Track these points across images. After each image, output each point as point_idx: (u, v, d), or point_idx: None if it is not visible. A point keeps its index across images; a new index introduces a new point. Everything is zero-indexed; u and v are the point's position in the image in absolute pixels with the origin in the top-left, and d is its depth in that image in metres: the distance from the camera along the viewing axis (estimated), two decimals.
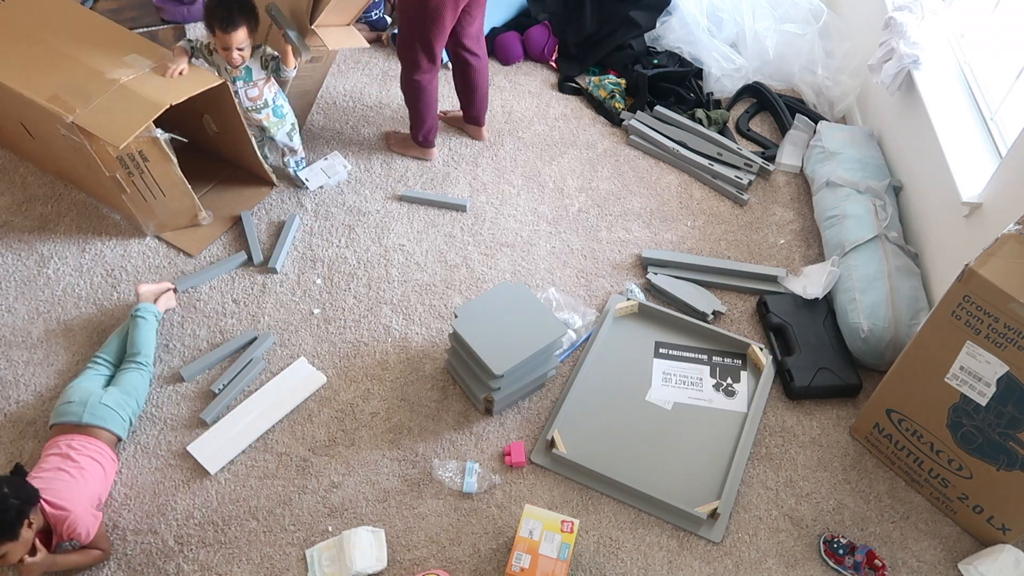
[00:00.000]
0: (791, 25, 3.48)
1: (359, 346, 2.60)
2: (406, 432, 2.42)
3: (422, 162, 3.15)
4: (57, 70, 2.55)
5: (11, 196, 2.91)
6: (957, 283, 1.94)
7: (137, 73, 2.56)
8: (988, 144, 2.57)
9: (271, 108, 2.78)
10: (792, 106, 3.43)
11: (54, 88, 2.49)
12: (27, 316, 2.60)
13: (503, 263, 2.85)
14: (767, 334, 2.69)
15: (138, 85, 2.52)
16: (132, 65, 2.58)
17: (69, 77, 2.53)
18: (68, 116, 2.41)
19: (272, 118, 2.81)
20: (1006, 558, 2.18)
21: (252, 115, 2.77)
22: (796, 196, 3.15)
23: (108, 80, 2.52)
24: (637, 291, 2.78)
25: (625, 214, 3.04)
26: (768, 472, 2.40)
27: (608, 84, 3.44)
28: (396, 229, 2.92)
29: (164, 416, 2.40)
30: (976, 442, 2.12)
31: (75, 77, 2.53)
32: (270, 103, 2.77)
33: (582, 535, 2.24)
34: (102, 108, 2.45)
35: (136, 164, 2.55)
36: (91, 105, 2.45)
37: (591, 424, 2.43)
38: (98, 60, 2.59)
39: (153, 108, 2.45)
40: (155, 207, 2.73)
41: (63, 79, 2.52)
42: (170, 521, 2.21)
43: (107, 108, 2.45)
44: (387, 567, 2.16)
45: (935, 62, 2.81)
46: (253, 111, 2.76)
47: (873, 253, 2.65)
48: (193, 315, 2.63)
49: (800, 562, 2.24)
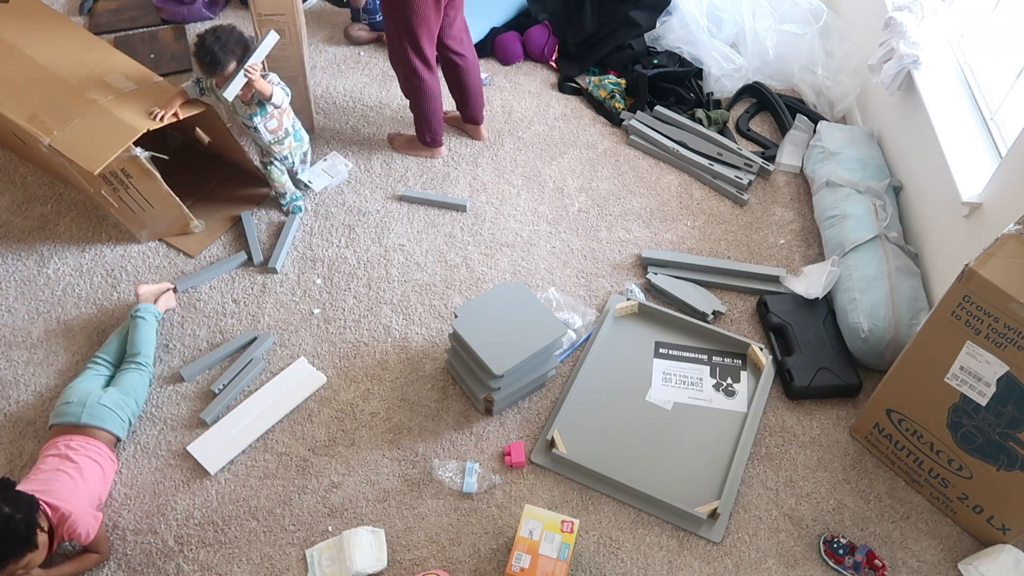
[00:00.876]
0: (791, 25, 3.48)
1: (359, 346, 2.60)
2: (406, 432, 2.42)
3: (422, 162, 3.15)
4: (39, 87, 2.53)
5: (11, 196, 2.91)
6: (957, 283, 1.94)
7: (117, 94, 2.53)
8: (988, 144, 2.57)
9: (292, 135, 2.78)
10: (792, 106, 3.43)
11: (33, 107, 2.47)
12: (27, 316, 2.60)
13: (503, 263, 2.85)
14: (767, 334, 2.69)
15: (116, 107, 2.50)
16: (113, 85, 2.56)
17: (49, 96, 2.50)
18: (45, 138, 2.39)
19: (294, 144, 2.81)
20: (1006, 558, 2.18)
21: (276, 148, 2.75)
22: (796, 196, 3.15)
23: (88, 100, 2.49)
24: (637, 291, 2.78)
25: (625, 214, 3.04)
26: (768, 472, 2.40)
27: (608, 84, 3.44)
28: (396, 229, 2.92)
29: (164, 416, 2.40)
30: (976, 442, 2.12)
31: (55, 96, 2.50)
32: (290, 131, 2.77)
33: (582, 535, 2.24)
34: (79, 130, 2.42)
35: (120, 180, 2.54)
36: (68, 127, 2.42)
37: (591, 424, 2.43)
38: (79, 79, 2.57)
39: (130, 132, 2.43)
40: (145, 218, 2.72)
41: (43, 97, 2.50)
42: (170, 521, 2.21)
43: (84, 130, 2.42)
44: (387, 567, 2.16)
45: (935, 62, 2.81)
46: (275, 143, 2.74)
47: (873, 253, 2.65)
48: (193, 315, 2.63)
49: (800, 562, 2.24)
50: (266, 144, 2.73)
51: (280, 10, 2.71)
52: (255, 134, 2.71)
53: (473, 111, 3.13)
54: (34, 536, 1.86)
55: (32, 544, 1.86)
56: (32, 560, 1.88)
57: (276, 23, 2.66)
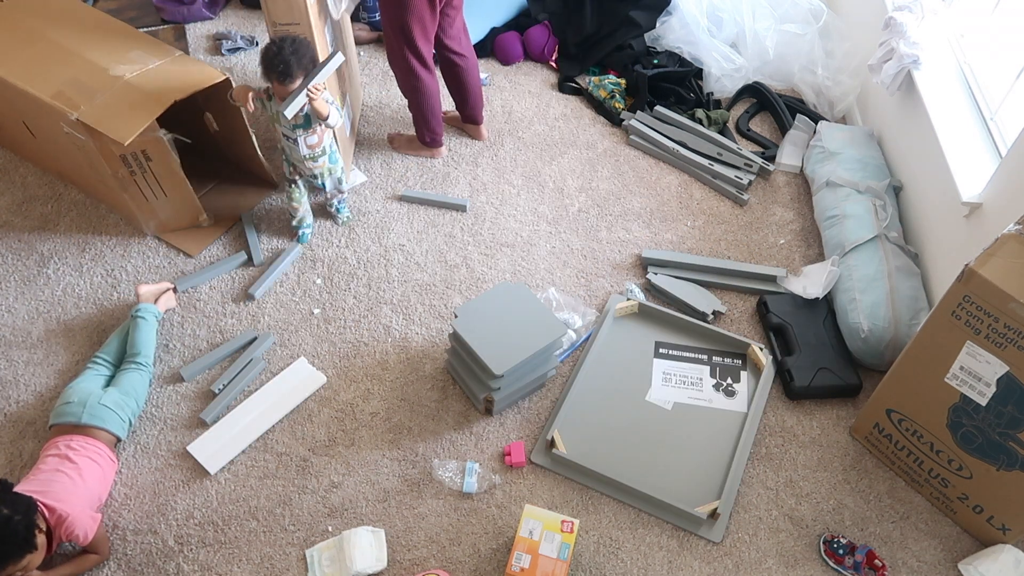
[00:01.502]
0: (791, 25, 3.48)
1: (359, 346, 2.60)
2: (406, 432, 2.42)
3: (422, 162, 3.15)
4: (61, 67, 2.55)
5: (11, 196, 2.91)
6: (957, 283, 1.94)
7: (141, 69, 2.55)
8: (988, 144, 2.57)
9: (328, 155, 2.69)
10: (792, 106, 3.43)
11: (58, 85, 2.49)
12: (27, 316, 2.60)
13: (503, 263, 2.85)
14: (767, 334, 2.69)
15: (142, 81, 2.52)
16: (136, 61, 2.58)
17: (73, 74, 2.52)
18: (72, 113, 2.40)
19: (328, 164, 2.71)
20: (1006, 558, 2.18)
21: (309, 164, 2.66)
22: (796, 196, 3.15)
23: (112, 77, 2.52)
24: (637, 291, 2.78)
25: (625, 214, 3.04)
26: (768, 472, 2.40)
27: (608, 84, 3.44)
28: (396, 229, 2.92)
29: (164, 416, 2.40)
30: (976, 442, 2.12)
31: (79, 74, 2.53)
32: (327, 150, 2.68)
33: (582, 535, 2.24)
34: (106, 105, 2.44)
35: (139, 163, 2.55)
36: (95, 102, 2.44)
37: (591, 424, 2.43)
38: (102, 57, 2.59)
39: (157, 104, 2.44)
40: (156, 207, 2.73)
41: (67, 76, 2.52)
42: (170, 521, 2.21)
43: (111, 105, 2.44)
44: (387, 567, 2.16)
45: (935, 62, 2.81)
46: (310, 159, 2.65)
47: (873, 253, 2.65)
48: (193, 315, 2.63)
49: (800, 562, 2.24)
50: (300, 158, 2.64)
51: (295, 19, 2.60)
52: (291, 146, 2.62)
53: (472, 111, 3.13)
54: (33, 538, 1.86)
55: (31, 546, 1.86)
56: (31, 561, 1.88)
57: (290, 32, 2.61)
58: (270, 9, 2.58)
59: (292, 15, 2.61)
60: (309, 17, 2.54)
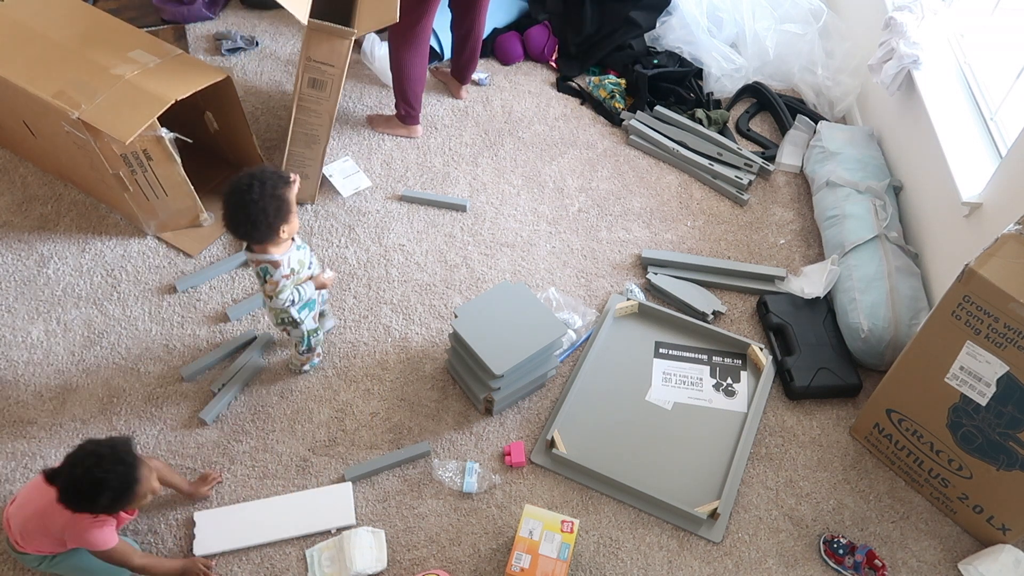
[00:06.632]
0: (791, 25, 3.48)
1: (359, 346, 2.60)
2: (406, 432, 2.42)
3: (422, 162, 3.15)
4: (62, 66, 2.55)
5: (11, 196, 2.91)
6: (957, 283, 1.94)
7: (141, 69, 2.56)
8: (988, 144, 2.57)
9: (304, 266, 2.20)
10: (792, 106, 3.43)
11: (59, 84, 2.49)
12: (27, 316, 2.60)
13: (503, 263, 2.85)
14: (767, 334, 2.69)
15: (143, 81, 2.52)
16: (137, 61, 2.58)
17: (74, 73, 2.53)
18: (73, 112, 2.41)
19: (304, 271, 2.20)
20: (1006, 558, 2.18)
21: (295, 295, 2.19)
22: (796, 196, 3.15)
23: (113, 76, 2.52)
24: (637, 291, 2.78)
25: (625, 214, 3.04)
26: (768, 472, 2.40)
27: (608, 84, 3.44)
28: (396, 229, 2.92)
29: (164, 416, 2.40)
30: (976, 442, 2.12)
31: (80, 73, 2.53)
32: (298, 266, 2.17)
33: (582, 535, 2.24)
34: (108, 104, 2.45)
35: (140, 162, 2.55)
36: (96, 101, 2.45)
37: (591, 424, 2.43)
38: (103, 56, 2.59)
39: (159, 103, 2.45)
40: (157, 207, 2.73)
41: (68, 75, 2.52)
42: (170, 521, 2.21)
43: (113, 104, 2.45)
44: (387, 567, 2.16)
45: (935, 62, 2.81)
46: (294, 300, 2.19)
47: (873, 253, 2.65)
48: (193, 315, 2.63)
49: (800, 562, 2.24)
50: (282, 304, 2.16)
51: (331, 60, 2.47)
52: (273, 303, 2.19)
53: (465, 64, 3.25)
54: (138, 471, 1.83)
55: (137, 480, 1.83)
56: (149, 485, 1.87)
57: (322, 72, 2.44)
58: (310, 46, 2.48)
59: (331, 57, 2.54)
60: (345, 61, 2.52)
